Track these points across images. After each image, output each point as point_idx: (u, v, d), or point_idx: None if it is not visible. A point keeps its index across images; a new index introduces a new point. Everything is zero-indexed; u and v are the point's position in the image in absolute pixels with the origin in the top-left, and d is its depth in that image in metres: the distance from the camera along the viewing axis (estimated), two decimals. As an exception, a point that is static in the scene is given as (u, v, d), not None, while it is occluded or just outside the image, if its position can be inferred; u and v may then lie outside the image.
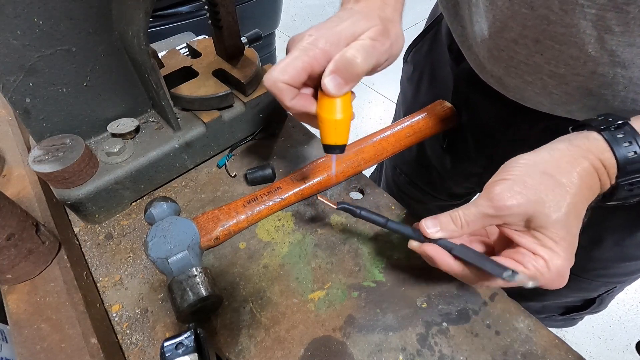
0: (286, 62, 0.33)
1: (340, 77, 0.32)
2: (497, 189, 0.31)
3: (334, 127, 0.34)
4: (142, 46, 0.41)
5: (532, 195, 0.30)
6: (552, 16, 0.34)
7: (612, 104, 0.37)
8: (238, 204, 0.48)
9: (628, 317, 1.36)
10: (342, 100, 0.34)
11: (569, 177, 0.31)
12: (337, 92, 0.33)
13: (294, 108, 0.35)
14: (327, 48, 0.32)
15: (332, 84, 0.32)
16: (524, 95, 0.43)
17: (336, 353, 0.39)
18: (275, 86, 0.33)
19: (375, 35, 0.33)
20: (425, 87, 0.65)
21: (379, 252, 0.47)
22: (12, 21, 0.37)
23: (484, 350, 0.39)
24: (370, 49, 0.33)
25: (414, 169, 0.77)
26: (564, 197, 0.30)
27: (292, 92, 0.34)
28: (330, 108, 0.34)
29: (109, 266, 0.46)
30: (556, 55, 0.36)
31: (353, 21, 0.33)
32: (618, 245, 0.52)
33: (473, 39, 0.44)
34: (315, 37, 0.33)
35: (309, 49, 0.32)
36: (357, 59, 0.32)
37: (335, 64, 0.32)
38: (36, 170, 0.42)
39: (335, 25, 0.33)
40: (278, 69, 0.33)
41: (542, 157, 0.32)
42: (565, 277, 0.32)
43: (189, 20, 1.29)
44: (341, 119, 0.34)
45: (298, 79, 0.33)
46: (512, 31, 0.38)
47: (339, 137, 0.35)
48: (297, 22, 2.74)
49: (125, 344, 0.40)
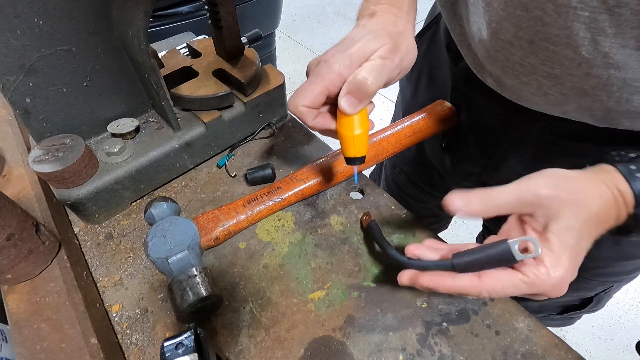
0: (304, 87, 0.36)
1: (354, 98, 0.35)
2: (541, 178, 0.32)
3: (353, 142, 0.37)
4: (142, 46, 0.41)
5: (565, 194, 0.31)
6: (546, 18, 0.34)
7: (607, 104, 0.38)
8: (238, 204, 0.48)
9: (628, 317, 1.36)
10: (359, 116, 0.36)
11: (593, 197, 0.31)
12: (353, 111, 0.36)
13: (315, 127, 0.38)
14: (341, 71, 0.35)
15: (347, 104, 0.35)
16: (520, 95, 0.43)
17: (336, 353, 0.39)
18: (297, 110, 0.36)
19: (384, 53, 0.35)
20: (424, 87, 0.65)
21: (379, 252, 0.47)
22: (12, 21, 0.37)
23: (484, 350, 0.39)
24: (380, 68, 0.35)
25: (414, 168, 0.77)
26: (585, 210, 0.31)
27: (313, 114, 0.37)
28: (349, 125, 0.37)
29: (109, 266, 0.46)
30: (551, 57, 0.37)
31: (364, 42, 0.35)
32: (616, 244, 0.52)
33: (471, 39, 0.44)
34: (330, 62, 0.35)
35: (325, 74, 0.35)
36: (368, 80, 0.34)
37: (348, 86, 0.35)
38: (36, 170, 0.42)
39: (348, 47, 0.36)
40: (298, 94, 0.36)
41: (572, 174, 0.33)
42: (564, 288, 0.31)
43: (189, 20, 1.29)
44: (360, 134, 0.37)
45: (317, 101, 0.36)
46: (507, 32, 0.38)
47: (359, 150, 0.38)
48: (297, 22, 2.74)
49: (125, 344, 0.40)
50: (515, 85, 0.42)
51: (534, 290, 0.31)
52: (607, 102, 0.37)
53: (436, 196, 0.79)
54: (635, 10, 0.30)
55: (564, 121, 0.43)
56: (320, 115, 0.38)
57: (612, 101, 0.37)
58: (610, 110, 0.38)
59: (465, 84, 0.53)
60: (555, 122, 0.45)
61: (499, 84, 0.45)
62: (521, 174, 0.33)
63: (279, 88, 0.58)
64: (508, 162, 0.54)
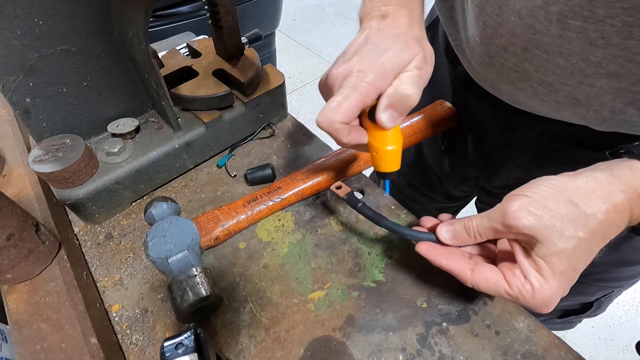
0: (339, 101, 0.33)
1: (395, 111, 0.34)
2: (513, 205, 0.31)
3: (389, 157, 0.36)
4: (142, 46, 0.41)
5: (546, 220, 0.29)
6: (538, 26, 0.34)
7: (602, 114, 0.37)
8: (238, 204, 0.48)
9: (628, 317, 1.36)
10: (394, 130, 0.35)
11: (596, 210, 0.29)
12: (392, 125, 0.34)
13: (349, 144, 0.35)
14: (377, 82, 0.33)
15: (388, 119, 0.33)
16: (518, 100, 0.43)
17: (336, 353, 0.39)
18: (332, 127, 0.33)
19: (420, 64, 0.34)
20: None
21: (379, 252, 0.47)
22: (12, 21, 0.37)
23: (484, 350, 0.39)
24: (418, 79, 0.34)
25: (412, 170, 0.77)
26: (580, 230, 0.29)
27: (347, 130, 0.34)
28: (384, 139, 0.35)
29: (109, 266, 0.46)
30: (544, 64, 0.37)
31: (396, 51, 0.33)
32: (615, 250, 0.52)
33: (466, 44, 0.44)
34: (363, 72, 0.33)
35: (359, 86, 0.33)
36: (412, 94, 0.33)
37: (389, 99, 0.33)
38: (36, 170, 0.42)
39: (377, 56, 0.33)
40: (332, 108, 0.33)
41: (576, 184, 0.31)
42: (551, 306, 0.31)
43: (189, 20, 1.29)
44: (395, 149, 0.36)
45: (353, 116, 0.33)
46: (501, 38, 0.38)
47: (393, 165, 0.37)
48: (297, 22, 2.74)
49: (125, 344, 0.40)
50: (510, 90, 0.42)
51: (518, 301, 0.32)
52: (601, 111, 0.37)
53: (434, 199, 0.79)
54: (627, 21, 0.29)
55: (563, 125, 0.43)
56: (353, 130, 0.35)
57: (606, 111, 0.37)
58: (605, 119, 0.38)
59: (463, 88, 0.53)
60: (554, 127, 0.45)
61: (495, 89, 0.45)
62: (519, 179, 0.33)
63: (279, 88, 0.58)
64: (506, 167, 0.54)
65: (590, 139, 0.43)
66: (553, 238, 0.29)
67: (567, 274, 0.30)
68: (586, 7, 0.31)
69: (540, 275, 0.30)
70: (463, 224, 0.35)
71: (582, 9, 0.31)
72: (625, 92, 0.34)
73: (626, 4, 0.29)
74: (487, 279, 0.33)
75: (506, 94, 0.44)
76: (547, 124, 0.45)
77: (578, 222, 0.29)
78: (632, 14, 0.29)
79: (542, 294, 0.30)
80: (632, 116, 0.36)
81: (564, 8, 0.32)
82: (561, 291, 0.31)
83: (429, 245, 0.36)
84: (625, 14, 0.29)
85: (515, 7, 0.35)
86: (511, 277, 0.32)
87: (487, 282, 0.33)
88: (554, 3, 0.32)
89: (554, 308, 0.32)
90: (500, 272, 0.33)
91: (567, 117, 0.41)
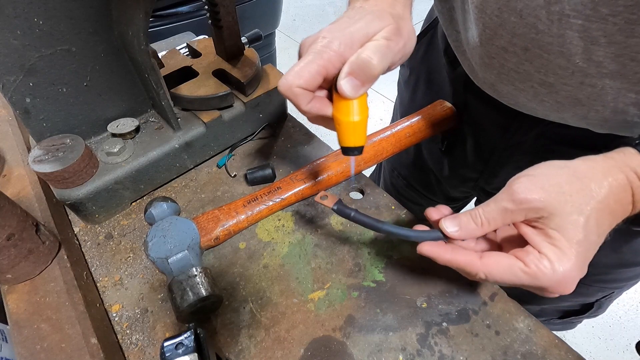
0: (301, 66, 0.32)
1: (357, 79, 0.32)
2: (518, 182, 0.30)
3: (352, 129, 0.34)
4: (142, 46, 0.41)
5: (554, 192, 0.29)
6: (540, 25, 0.34)
7: (603, 114, 0.37)
8: (238, 204, 0.48)
9: (628, 317, 1.36)
10: (359, 101, 0.33)
11: (599, 184, 0.29)
12: (354, 94, 0.32)
13: (310, 112, 0.34)
14: (342, 50, 0.32)
15: (349, 86, 0.32)
16: (517, 101, 0.43)
17: (336, 353, 0.39)
18: (290, 91, 0.32)
19: (389, 34, 0.32)
20: (422, 91, 0.65)
21: (379, 252, 0.47)
22: (12, 21, 0.37)
23: (484, 350, 0.39)
24: (385, 49, 0.32)
25: (412, 171, 0.77)
26: (588, 201, 0.29)
27: (308, 96, 0.33)
28: (347, 110, 0.33)
29: (109, 266, 0.46)
30: (545, 65, 0.36)
31: (366, 21, 0.33)
32: (615, 251, 0.52)
33: (466, 45, 0.44)
34: (328, 39, 0.32)
35: (323, 52, 0.32)
36: (373, 60, 0.31)
37: (350, 66, 0.32)
38: (36, 170, 0.42)
39: (347, 26, 0.33)
40: (293, 73, 0.32)
41: (574, 163, 0.31)
42: (571, 285, 0.30)
43: (189, 20, 1.29)
44: (359, 120, 0.34)
45: (313, 82, 0.32)
46: (501, 39, 0.38)
47: (358, 139, 0.35)
48: (297, 22, 2.74)
49: (125, 344, 0.40)
50: (511, 91, 0.42)
51: (535, 282, 0.30)
52: (602, 112, 0.37)
53: (434, 200, 0.79)
54: (630, 18, 0.29)
55: (562, 127, 0.43)
56: (316, 99, 0.34)
57: (608, 111, 0.37)
58: (606, 119, 0.38)
59: (463, 89, 0.53)
60: (553, 129, 0.44)
61: (495, 90, 0.45)
62: None
63: (279, 88, 0.58)
64: (505, 168, 0.54)
65: (589, 141, 0.42)
66: (565, 207, 0.29)
67: (583, 245, 0.29)
68: (588, 5, 0.30)
69: (556, 247, 0.29)
70: (469, 214, 0.33)
71: (584, 7, 0.31)
72: (627, 91, 0.34)
73: (629, 2, 0.29)
74: (499, 263, 0.31)
75: (506, 95, 0.44)
76: (546, 125, 0.45)
77: (585, 193, 0.29)
78: (635, 11, 0.29)
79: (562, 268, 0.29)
80: (633, 117, 0.36)
81: (565, 7, 0.31)
82: (579, 266, 0.29)
83: (431, 243, 0.35)
84: (628, 11, 0.29)
85: (516, 7, 0.35)
86: (525, 255, 0.30)
87: (500, 266, 0.31)
88: (556, 2, 0.32)
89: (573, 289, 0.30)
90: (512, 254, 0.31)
91: (568, 118, 0.41)
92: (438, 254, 0.34)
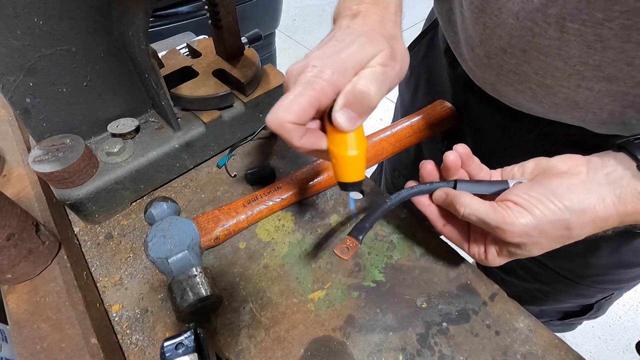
0: (290, 99, 0.29)
1: (354, 111, 0.29)
2: (520, 221, 0.32)
3: (350, 164, 0.31)
4: (142, 46, 0.41)
5: (533, 236, 0.32)
6: (536, 28, 0.34)
7: (600, 117, 0.37)
8: (238, 204, 0.48)
9: (628, 317, 1.36)
10: (355, 134, 0.31)
11: (582, 233, 0.32)
12: (351, 127, 0.30)
13: (303, 147, 0.31)
14: (334, 79, 0.29)
15: (345, 119, 0.29)
16: (518, 102, 0.43)
17: (336, 353, 0.39)
18: (281, 127, 0.29)
19: (385, 60, 0.30)
20: (423, 92, 0.65)
21: (379, 252, 0.47)
22: (12, 21, 0.37)
23: (484, 350, 0.39)
24: (382, 77, 0.30)
25: (412, 171, 0.77)
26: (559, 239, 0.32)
27: (300, 131, 0.30)
28: (344, 144, 0.30)
29: (109, 266, 0.46)
30: (542, 67, 0.36)
31: (358, 45, 0.30)
32: (614, 252, 0.52)
33: (465, 45, 0.44)
34: (319, 67, 0.29)
35: (314, 82, 0.29)
36: (370, 91, 0.29)
37: (346, 97, 0.29)
38: (36, 170, 0.42)
39: (337, 51, 0.30)
40: (283, 107, 0.29)
41: (588, 204, 0.31)
42: (530, 245, 0.33)
43: (189, 20, 1.29)
44: (357, 155, 0.31)
45: (305, 117, 0.29)
46: (500, 40, 0.38)
47: (356, 174, 0.32)
48: (297, 22, 2.74)
49: (125, 344, 0.40)
50: (510, 92, 0.42)
51: (498, 222, 0.32)
52: (599, 114, 0.37)
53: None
54: (625, 24, 0.29)
55: (562, 127, 0.43)
56: (309, 132, 0.31)
57: (605, 114, 0.37)
58: (604, 122, 0.38)
59: (463, 89, 0.53)
60: (553, 129, 0.44)
61: (494, 91, 0.45)
62: None
63: (279, 88, 0.58)
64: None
65: (589, 141, 0.43)
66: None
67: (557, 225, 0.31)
68: (584, 10, 0.30)
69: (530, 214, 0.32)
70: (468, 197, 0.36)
71: (580, 12, 0.31)
72: (624, 95, 0.34)
73: (624, 7, 0.29)
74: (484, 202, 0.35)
75: (506, 95, 0.44)
76: (546, 126, 0.45)
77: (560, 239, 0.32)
78: (630, 17, 0.29)
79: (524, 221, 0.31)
80: (631, 119, 0.36)
81: (562, 11, 0.32)
82: (542, 232, 0.32)
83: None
84: (624, 17, 0.29)
85: (513, 9, 0.35)
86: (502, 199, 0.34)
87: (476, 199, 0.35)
88: (552, 5, 0.32)
89: (540, 252, 0.33)
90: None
91: (566, 120, 0.41)
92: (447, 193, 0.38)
